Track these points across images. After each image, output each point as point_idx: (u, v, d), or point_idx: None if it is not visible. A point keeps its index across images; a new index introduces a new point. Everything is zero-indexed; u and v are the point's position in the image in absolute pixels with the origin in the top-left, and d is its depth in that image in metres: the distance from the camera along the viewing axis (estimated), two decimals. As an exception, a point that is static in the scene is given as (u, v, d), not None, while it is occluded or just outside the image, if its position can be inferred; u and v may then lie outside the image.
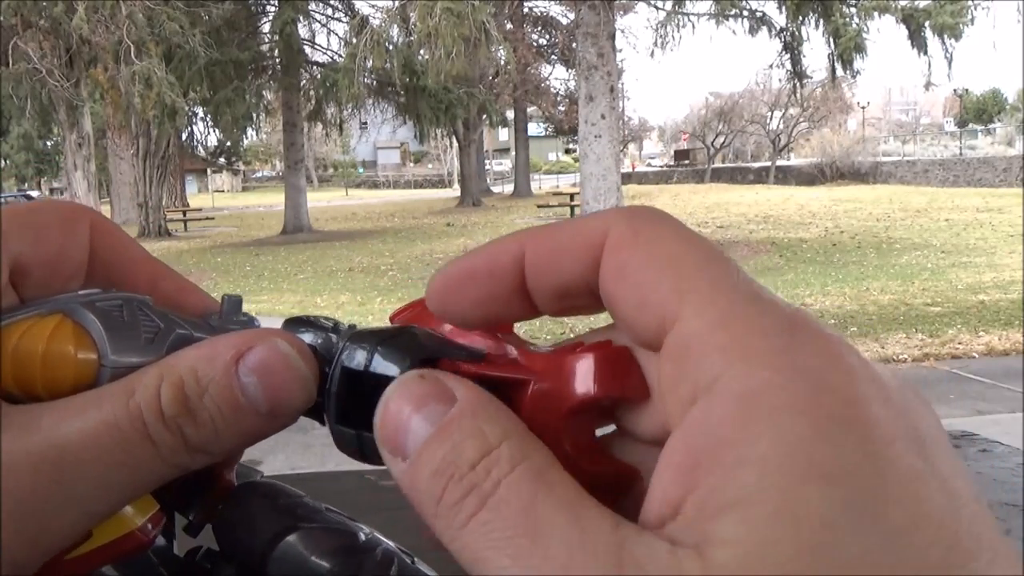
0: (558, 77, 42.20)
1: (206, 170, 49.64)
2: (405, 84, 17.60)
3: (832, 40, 14.77)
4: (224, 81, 18.24)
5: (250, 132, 25.07)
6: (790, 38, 15.91)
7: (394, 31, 16.35)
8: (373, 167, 62.39)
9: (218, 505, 0.34)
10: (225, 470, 0.34)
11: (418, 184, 52.53)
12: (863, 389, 0.19)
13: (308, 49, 21.01)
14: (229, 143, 41.73)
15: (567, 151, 58.29)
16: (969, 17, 14.21)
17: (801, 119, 39.81)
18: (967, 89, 62.82)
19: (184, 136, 23.70)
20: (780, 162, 39.24)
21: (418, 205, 30.24)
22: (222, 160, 50.29)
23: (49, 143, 35.72)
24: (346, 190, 49.16)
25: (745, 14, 16.26)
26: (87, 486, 0.25)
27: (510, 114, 32.25)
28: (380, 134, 46.07)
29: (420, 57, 15.95)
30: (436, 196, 37.39)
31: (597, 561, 0.18)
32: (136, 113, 15.76)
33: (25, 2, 15.06)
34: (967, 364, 6.27)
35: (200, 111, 21.41)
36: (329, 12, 21.87)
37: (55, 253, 0.30)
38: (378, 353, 0.25)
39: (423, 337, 0.26)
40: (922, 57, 14.72)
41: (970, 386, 5.77)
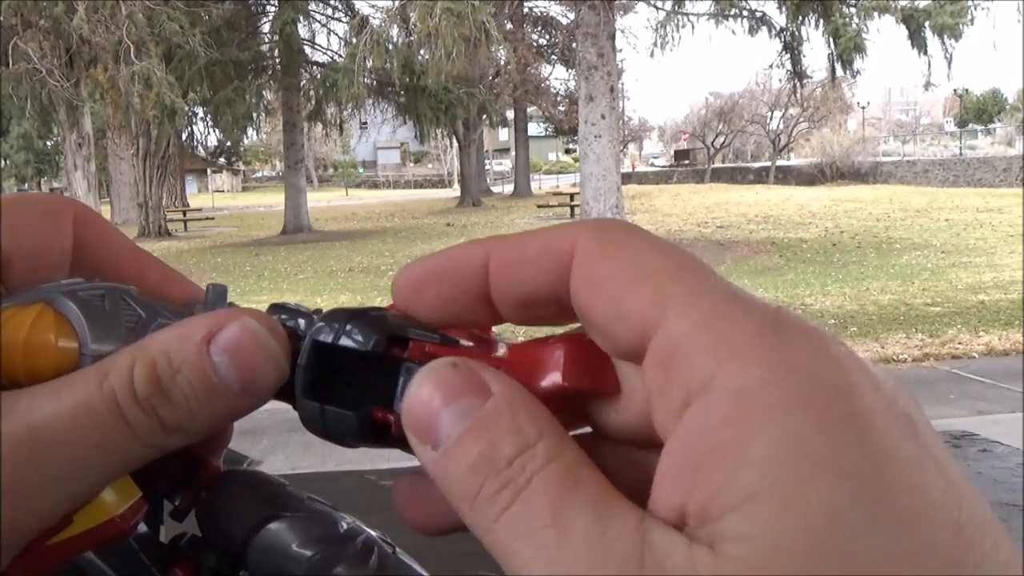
0: (558, 77, 42.26)
1: (206, 170, 49.63)
2: (405, 84, 17.60)
3: (832, 40, 14.78)
4: (224, 81, 18.24)
5: (250, 132, 25.08)
6: (790, 38, 15.91)
7: (394, 31, 16.36)
8: (373, 167, 62.39)
9: (203, 490, 0.34)
10: (212, 456, 0.34)
11: (418, 184, 52.53)
12: (855, 379, 0.20)
13: (308, 49, 21.01)
14: (229, 143, 41.74)
15: (567, 151, 58.28)
16: (969, 17, 14.21)
17: (801, 119, 39.82)
18: (967, 89, 62.82)
19: (184, 136, 23.70)
20: (780, 162, 39.24)
21: (418, 205, 30.24)
22: (222, 160, 50.29)
23: (49, 143, 35.72)
24: (346, 190, 49.16)
25: (745, 14, 16.26)
26: (64, 467, 0.25)
27: (510, 114, 32.25)
28: (380, 134, 46.06)
29: (420, 57, 15.95)
30: (436, 196, 37.38)
31: (618, 556, 0.19)
32: (136, 113, 15.76)
33: (25, 2, 15.06)
34: (967, 364, 6.28)
35: (200, 111, 21.41)
36: (329, 12, 21.88)
37: (38, 244, 0.30)
38: (349, 327, 0.26)
39: (394, 317, 0.26)
40: (922, 57, 14.73)
41: (970, 386, 5.77)
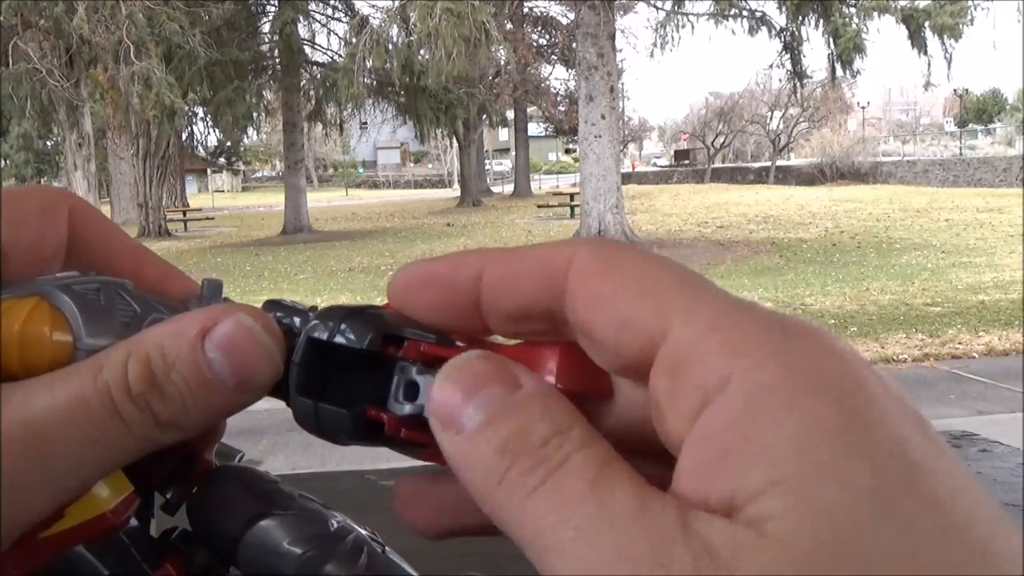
0: (558, 77, 42.20)
1: (206, 170, 49.64)
2: (405, 84, 17.61)
3: (832, 40, 14.78)
4: (224, 81, 18.25)
5: (250, 132, 25.07)
6: (790, 38, 15.91)
7: (394, 31, 16.36)
8: (373, 167, 62.38)
9: (195, 485, 0.34)
10: (205, 450, 0.34)
11: (418, 184, 52.54)
12: (864, 374, 0.20)
13: (308, 49, 21.01)
14: (229, 143, 41.72)
15: (567, 151, 58.27)
16: (969, 17, 14.22)
17: (801, 119, 39.83)
18: (967, 89, 62.78)
19: (184, 136, 23.71)
20: (780, 162, 39.25)
21: (418, 205, 30.24)
22: (222, 160, 50.30)
23: (49, 143, 35.72)
24: (346, 190, 49.17)
25: (745, 14, 16.26)
26: (58, 461, 0.25)
27: (510, 114, 32.25)
28: (380, 134, 46.04)
29: (420, 57, 15.95)
30: (436, 196, 37.39)
31: (661, 531, 0.19)
32: (136, 113, 15.76)
33: (25, 2, 15.06)
34: (967, 364, 6.28)
35: (200, 111, 21.42)
36: (329, 12, 21.89)
37: (33, 237, 0.30)
38: (344, 325, 0.26)
39: (390, 315, 0.26)
40: (922, 57, 14.74)
41: (970, 386, 5.77)
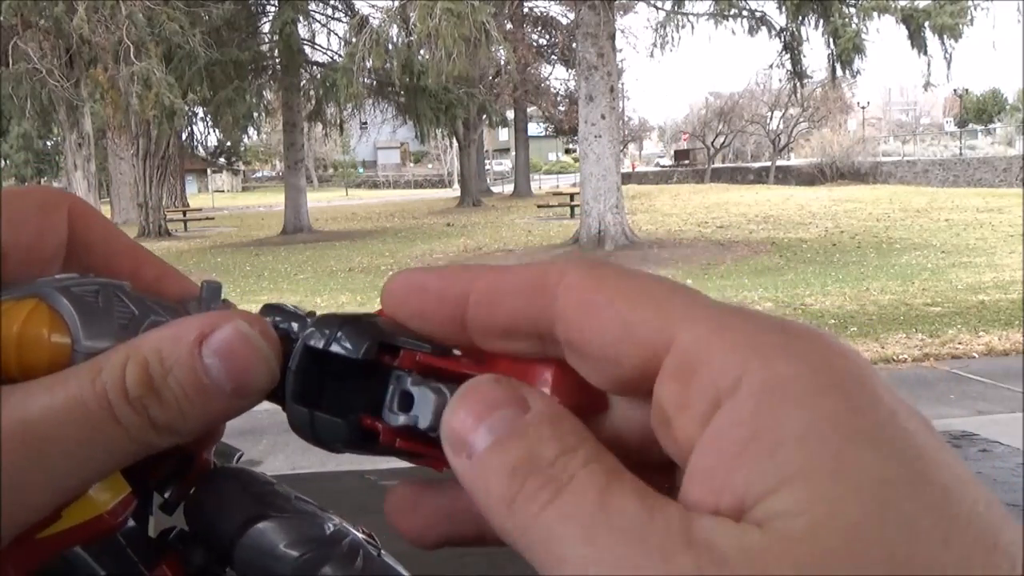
0: (558, 77, 42.18)
1: (206, 170, 49.65)
2: (405, 84, 17.62)
3: (831, 40, 14.79)
4: (224, 81, 18.25)
5: (250, 132, 25.10)
6: (790, 38, 15.92)
7: (394, 31, 16.36)
8: (373, 167, 62.40)
9: (193, 485, 0.34)
10: (203, 450, 0.34)
11: (418, 184, 52.55)
12: (867, 372, 0.20)
13: (308, 49, 21.02)
14: (229, 143, 41.73)
15: (567, 151, 58.28)
16: (969, 17, 14.22)
17: (801, 119, 39.83)
18: (967, 89, 62.76)
19: (184, 136, 23.72)
20: (780, 162, 39.26)
21: (418, 205, 30.25)
22: (222, 160, 50.31)
23: (49, 143, 35.72)
24: (346, 190, 49.18)
25: (745, 14, 16.26)
26: (55, 463, 0.25)
27: (510, 114, 32.26)
28: (380, 134, 46.05)
29: (420, 57, 15.96)
30: (436, 196, 37.39)
31: (666, 536, 0.19)
32: (136, 113, 15.77)
33: (25, 2, 15.06)
34: (967, 364, 6.28)
35: (200, 111, 21.42)
36: (329, 12, 21.90)
37: (32, 238, 0.30)
38: (340, 334, 0.26)
39: (387, 324, 0.26)
40: (922, 57, 14.74)
41: (970, 386, 5.77)
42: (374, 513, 0.41)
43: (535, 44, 30.10)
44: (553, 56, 31.40)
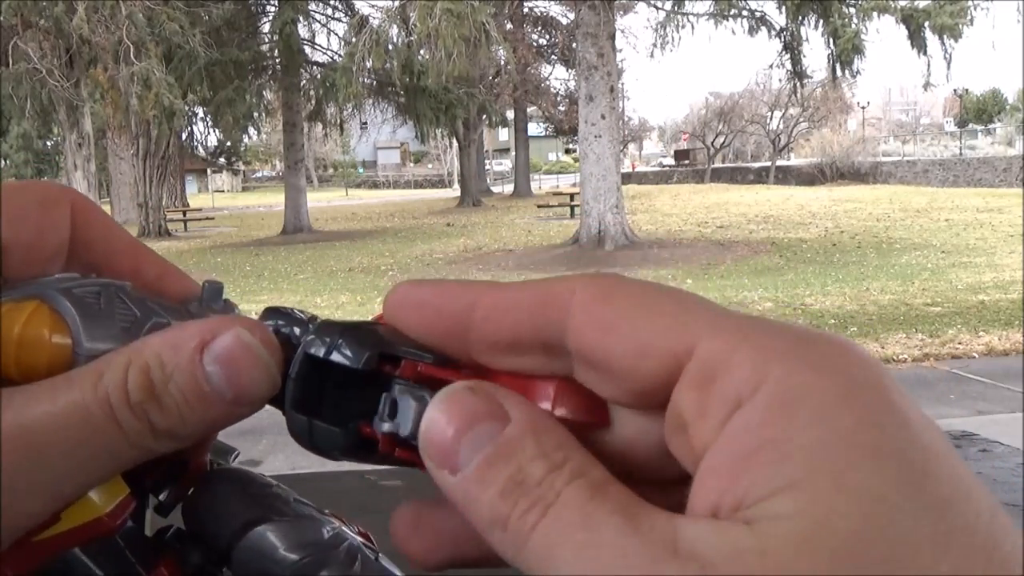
0: (558, 77, 42.16)
1: (206, 170, 49.63)
2: (405, 84, 17.61)
3: (831, 41, 14.79)
4: (224, 81, 18.25)
5: (250, 132, 25.09)
6: (790, 38, 15.92)
7: (394, 31, 16.36)
8: (373, 167, 62.38)
9: (189, 486, 0.34)
10: (199, 452, 0.34)
11: (418, 184, 52.53)
12: (886, 381, 0.21)
13: (308, 49, 21.02)
14: (229, 143, 41.74)
15: (567, 151, 58.25)
16: (968, 17, 14.22)
17: (801, 119, 39.81)
18: (967, 89, 62.71)
19: (184, 136, 23.71)
20: (780, 162, 39.24)
21: (418, 205, 30.24)
22: (222, 160, 50.31)
23: (49, 143, 35.72)
24: (346, 190, 49.15)
25: (745, 14, 16.26)
26: (55, 467, 0.25)
27: (510, 114, 32.25)
28: (380, 134, 46.05)
29: (420, 57, 15.96)
30: (436, 196, 37.38)
31: (651, 547, 0.19)
32: (136, 113, 15.77)
33: (25, 2, 15.05)
34: (967, 364, 6.28)
35: (200, 111, 21.42)
36: (329, 12, 21.89)
37: (34, 235, 0.30)
38: (341, 342, 0.26)
39: (388, 333, 0.26)
40: (922, 57, 14.74)
41: (970, 386, 5.77)
42: (373, 513, 0.41)
43: (535, 44, 30.10)
44: (553, 56, 31.40)
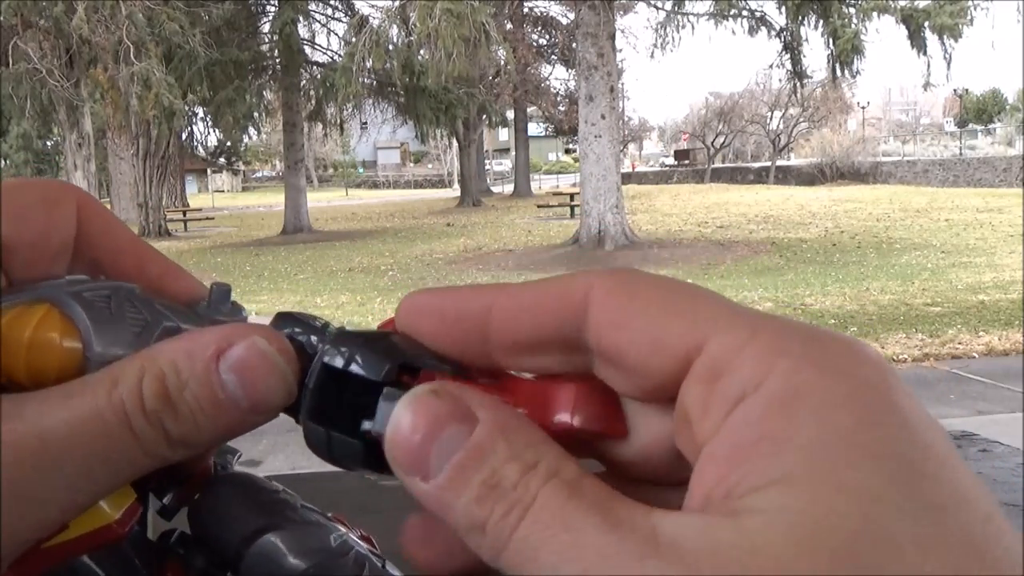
0: (558, 77, 42.20)
1: (206, 170, 49.63)
2: (405, 84, 17.61)
3: (831, 41, 14.78)
4: (224, 81, 18.25)
5: (250, 132, 25.08)
6: (790, 38, 15.91)
7: (394, 31, 16.36)
8: (373, 167, 62.38)
9: (194, 490, 0.33)
10: (203, 454, 0.34)
11: (418, 184, 52.52)
12: (892, 381, 0.21)
13: (308, 49, 21.02)
14: (229, 143, 41.74)
15: (567, 151, 58.26)
16: (968, 17, 14.21)
17: (801, 119, 39.80)
18: (967, 89, 62.73)
19: (184, 136, 23.71)
20: (780, 162, 39.24)
21: (418, 205, 30.24)
22: (222, 160, 50.30)
23: (49, 143, 35.72)
24: (346, 190, 49.15)
25: (745, 14, 16.26)
26: (69, 477, 0.25)
27: (510, 114, 32.24)
28: (380, 134, 46.05)
29: (420, 57, 15.96)
30: (436, 196, 37.39)
31: (631, 544, 0.19)
32: (136, 113, 15.77)
33: (25, 2, 15.06)
34: (967, 364, 6.27)
35: (200, 111, 21.42)
36: (329, 12, 21.90)
37: (40, 234, 0.29)
38: (359, 354, 0.25)
39: (406, 344, 0.26)
40: (922, 57, 14.73)
41: (970, 386, 5.77)
42: (373, 513, 0.41)
43: (535, 44, 30.10)
44: (553, 56, 31.40)
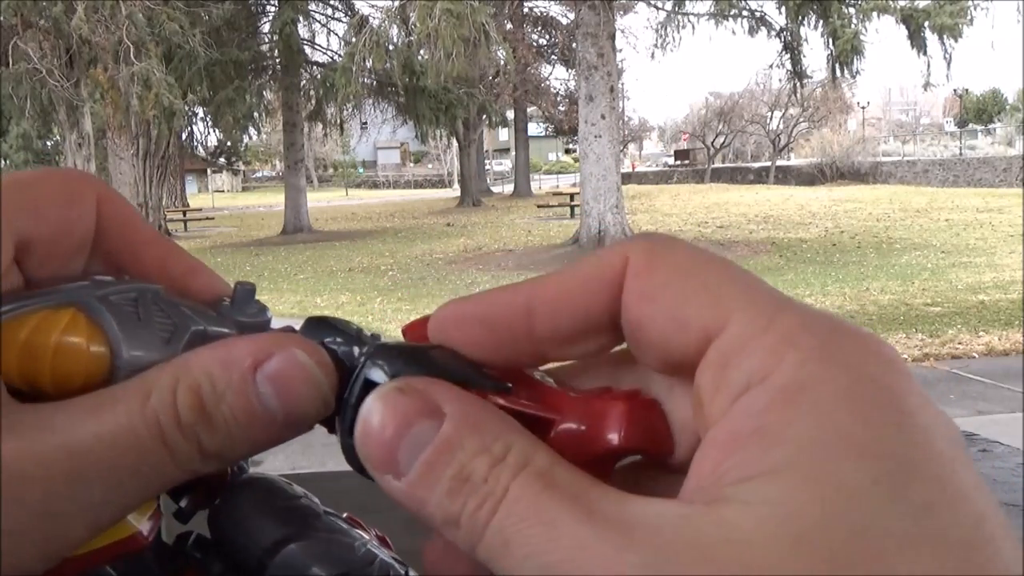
0: (558, 77, 42.13)
1: (206, 170, 49.62)
2: (405, 84, 17.60)
3: (831, 41, 14.78)
4: (224, 81, 18.25)
5: (250, 132, 25.07)
6: (790, 38, 15.91)
7: (394, 31, 16.36)
8: (373, 167, 62.36)
9: (211, 493, 0.33)
10: None
11: (418, 184, 52.51)
12: (903, 381, 0.20)
13: (308, 49, 21.02)
14: (229, 143, 41.71)
15: (567, 151, 58.24)
16: (968, 17, 14.20)
17: (801, 119, 39.81)
18: (967, 89, 62.73)
19: (184, 136, 23.70)
20: (780, 162, 39.24)
21: (418, 205, 30.24)
22: (222, 160, 50.28)
23: (49, 143, 35.71)
24: (346, 190, 49.14)
25: (745, 14, 16.25)
26: (99, 491, 0.24)
27: (510, 114, 32.22)
28: (380, 134, 46.05)
29: (420, 57, 15.95)
30: (436, 196, 37.39)
31: (607, 534, 0.19)
32: (136, 113, 15.77)
33: (25, 2, 15.05)
34: (967, 364, 6.27)
35: (200, 111, 21.42)
36: (329, 12, 21.89)
37: (58, 229, 0.28)
38: (403, 369, 0.25)
39: (447, 359, 0.25)
40: (922, 57, 14.73)
41: (970, 386, 5.77)
42: (374, 512, 0.40)
43: (535, 44, 30.09)
44: (553, 56, 31.39)
